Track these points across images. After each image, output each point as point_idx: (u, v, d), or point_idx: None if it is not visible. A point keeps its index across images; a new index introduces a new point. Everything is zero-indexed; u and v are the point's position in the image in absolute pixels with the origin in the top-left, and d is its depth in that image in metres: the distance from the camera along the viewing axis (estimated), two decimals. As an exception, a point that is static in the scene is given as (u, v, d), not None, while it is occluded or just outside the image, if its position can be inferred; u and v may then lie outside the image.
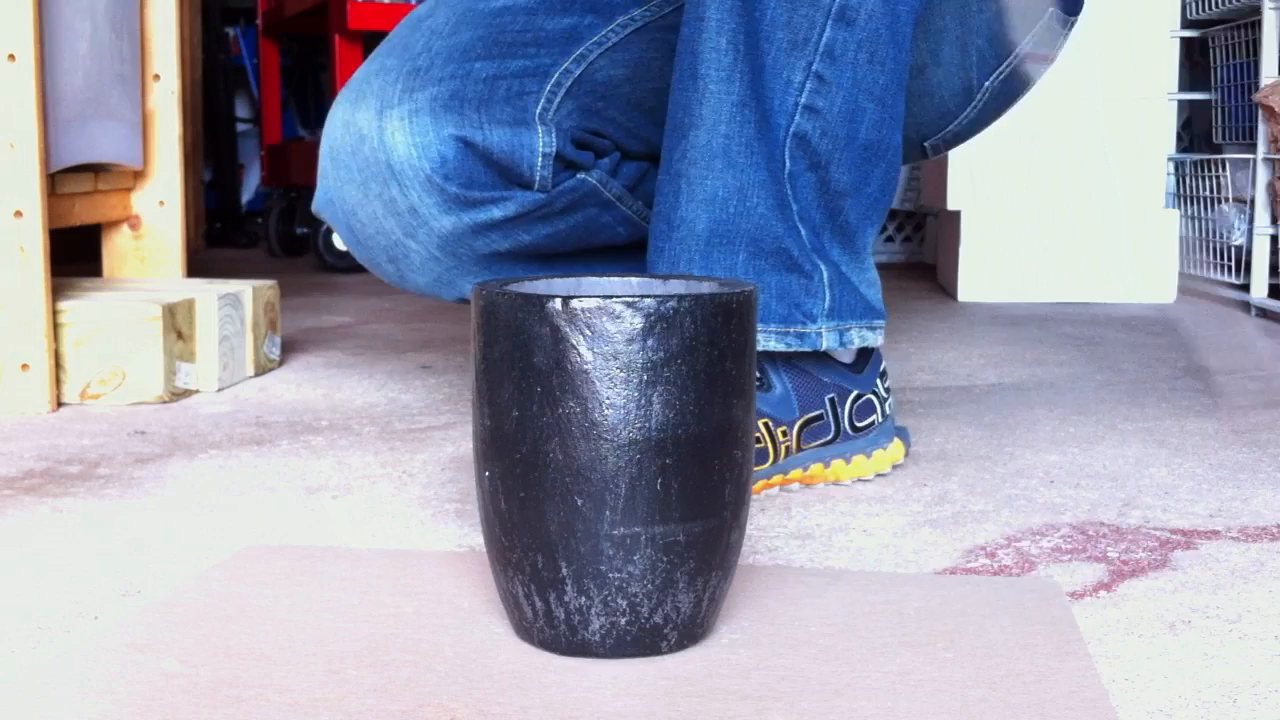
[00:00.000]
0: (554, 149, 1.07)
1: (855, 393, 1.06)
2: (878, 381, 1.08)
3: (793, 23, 0.95)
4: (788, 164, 0.98)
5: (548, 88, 1.07)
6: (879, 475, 1.08)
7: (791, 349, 1.01)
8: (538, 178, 1.07)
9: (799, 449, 1.03)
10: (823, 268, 1.01)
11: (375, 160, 1.05)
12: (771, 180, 0.98)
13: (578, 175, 1.10)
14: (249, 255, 3.51)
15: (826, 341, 1.02)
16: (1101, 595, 0.80)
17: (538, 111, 1.06)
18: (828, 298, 1.01)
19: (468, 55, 1.06)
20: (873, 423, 1.07)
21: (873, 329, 1.04)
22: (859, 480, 1.07)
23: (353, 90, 1.08)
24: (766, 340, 1.00)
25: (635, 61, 1.10)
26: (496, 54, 1.07)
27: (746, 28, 0.95)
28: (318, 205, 1.12)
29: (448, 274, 1.12)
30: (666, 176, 1.01)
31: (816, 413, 1.04)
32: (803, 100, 0.97)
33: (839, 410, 1.05)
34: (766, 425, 1.01)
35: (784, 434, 1.02)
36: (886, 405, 1.09)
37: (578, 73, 1.07)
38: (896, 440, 1.10)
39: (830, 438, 1.05)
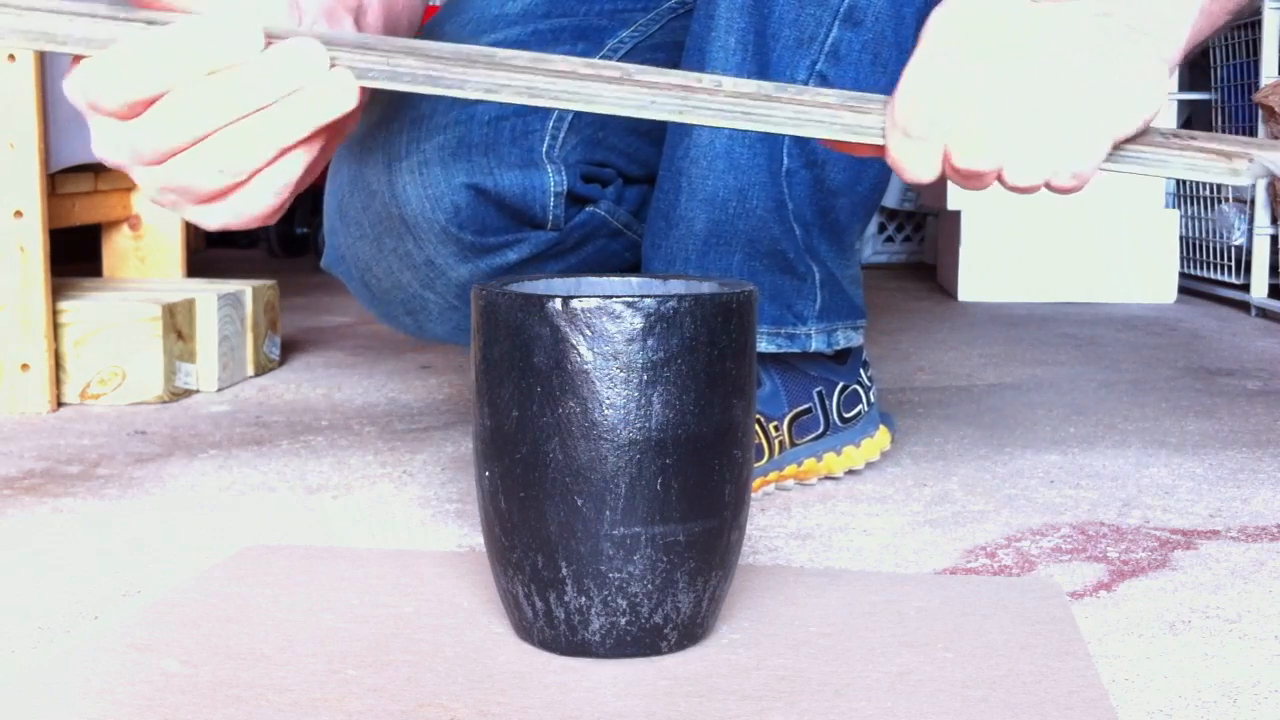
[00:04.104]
0: (565, 187, 1.07)
1: (841, 384, 1.07)
2: (861, 372, 1.10)
3: (800, 21, 0.95)
4: (785, 161, 0.98)
5: (550, 124, 1.05)
6: (869, 464, 1.10)
7: (782, 350, 1.02)
8: (551, 217, 1.07)
9: (792, 444, 1.04)
10: (815, 269, 1.02)
11: (388, 215, 1.03)
12: (771, 181, 0.98)
13: (587, 209, 1.10)
14: (249, 255, 3.51)
15: (815, 344, 1.03)
16: (1101, 595, 0.80)
17: (544, 150, 1.05)
18: (819, 299, 1.02)
19: None
20: (859, 413, 1.09)
21: (856, 329, 1.07)
22: (850, 472, 1.08)
23: (355, 142, 1.04)
24: (758, 341, 1.01)
25: None
26: None
27: (756, 26, 0.95)
28: (328, 262, 1.10)
29: (466, 320, 1.11)
30: (667, 173, 1.01)
31: (805, 406, 1.05)
32: None
33: (827, 403, 1.06)
34: (759, 421, 1.02)
35: (775, 429, 1.03)
36: (871, 394, 1.11)
37: None
38: (882, 428, 1.12)
39: (820, 432, 1.06)
